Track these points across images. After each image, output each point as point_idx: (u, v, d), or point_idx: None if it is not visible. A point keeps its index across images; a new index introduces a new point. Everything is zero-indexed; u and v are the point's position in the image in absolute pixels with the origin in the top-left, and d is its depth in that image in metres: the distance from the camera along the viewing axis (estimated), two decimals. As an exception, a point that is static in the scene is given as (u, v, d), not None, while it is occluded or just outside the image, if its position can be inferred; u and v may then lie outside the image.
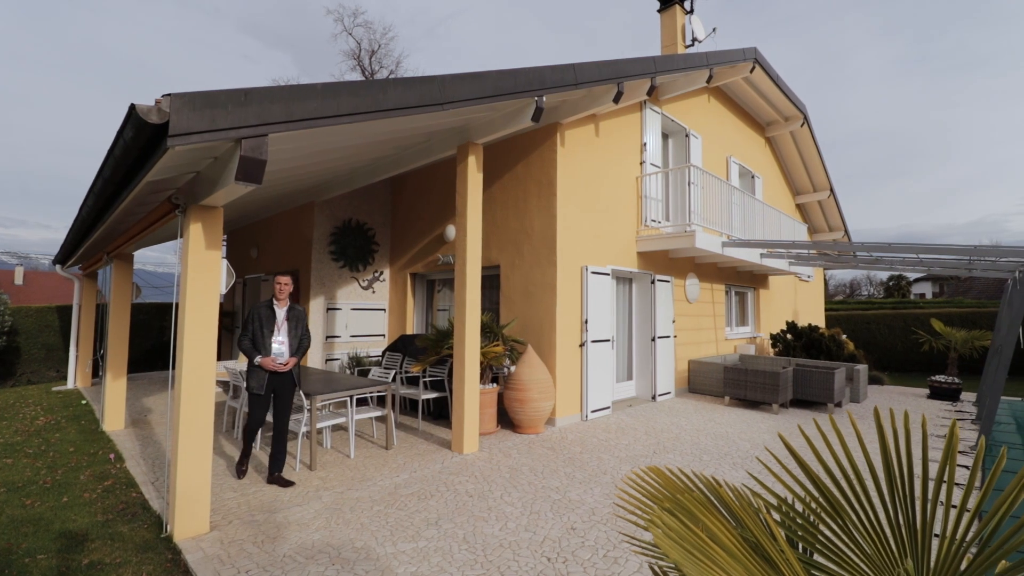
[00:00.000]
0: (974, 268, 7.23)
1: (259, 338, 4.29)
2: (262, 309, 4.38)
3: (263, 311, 4.37)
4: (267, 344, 4.30)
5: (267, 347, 4.29)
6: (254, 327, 4.31)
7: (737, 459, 5.06)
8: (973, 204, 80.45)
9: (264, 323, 4.32)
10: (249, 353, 4.29)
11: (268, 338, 4.31)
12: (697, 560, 0.67)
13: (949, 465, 0.83)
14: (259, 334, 4.29)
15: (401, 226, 8.94)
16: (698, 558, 0.67)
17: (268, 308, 4.39)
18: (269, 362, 4.25)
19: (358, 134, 4.33)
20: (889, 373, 13.79)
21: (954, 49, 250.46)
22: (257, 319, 4.32)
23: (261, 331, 4.30)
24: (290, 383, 4.43)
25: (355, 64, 26.19)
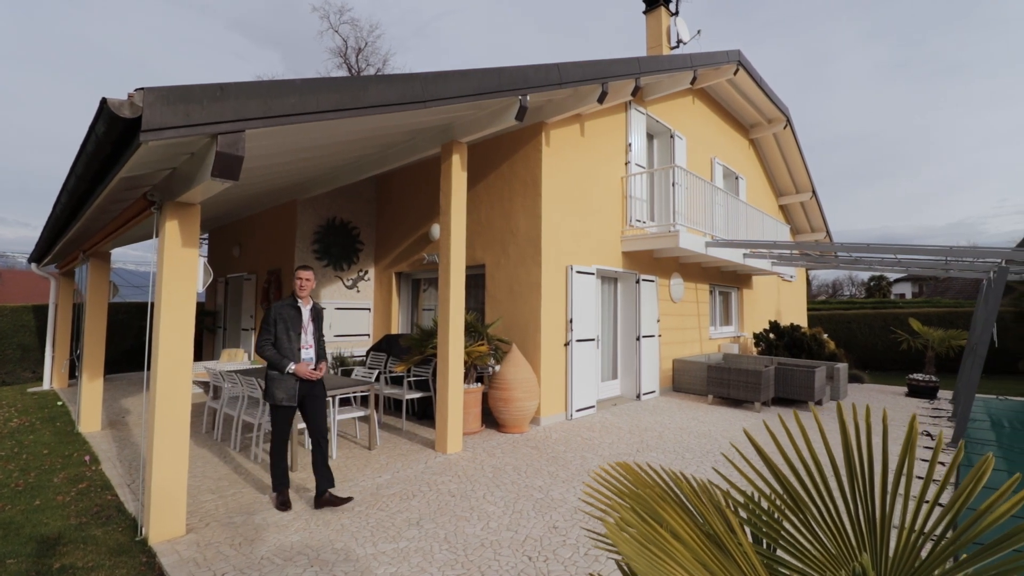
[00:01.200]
0: (951, 269, 7.37)
1: (284, 342, 3.79)
2: (286, 309, 3.87)
3: (287, 311, 3.87)
4: (294, 349, 3.81)
5: (295, 352, 3.81)
6: (277, 330, 3.81)
7: (719, 457, 5.11)
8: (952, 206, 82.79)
9: (290, 325, 3.83)
10: (275, 361, 3.76)
11: (296, 342, 3.83)
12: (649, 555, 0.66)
13: (908, 459, 0.83)
14: (284, 338, 3.79)
15: (386, 225, 8.88)
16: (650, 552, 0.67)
17: (293, 308, 3.90)
18: (305, 370, 3.78)
19: (339, 131, 4.29)
20: (869, 372, 14.02)
21: (934, 55, 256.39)
22: (281, 321, 3.82)
23: (287, 334, 3.80)
24: (321, 387, 4.00)
25: (341, 62, 25.98)
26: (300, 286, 3.92)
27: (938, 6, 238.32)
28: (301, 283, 3.93)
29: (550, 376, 6.42)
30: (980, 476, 0.78)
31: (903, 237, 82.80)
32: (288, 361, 3.77)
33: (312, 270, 3.99)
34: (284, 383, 3.77)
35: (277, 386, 3.77)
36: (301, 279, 3.93)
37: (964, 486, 0.78)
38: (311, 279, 3.98)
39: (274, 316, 3.83)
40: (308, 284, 3.95)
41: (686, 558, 0.70)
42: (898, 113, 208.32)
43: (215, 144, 2.84)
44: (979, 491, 0.82)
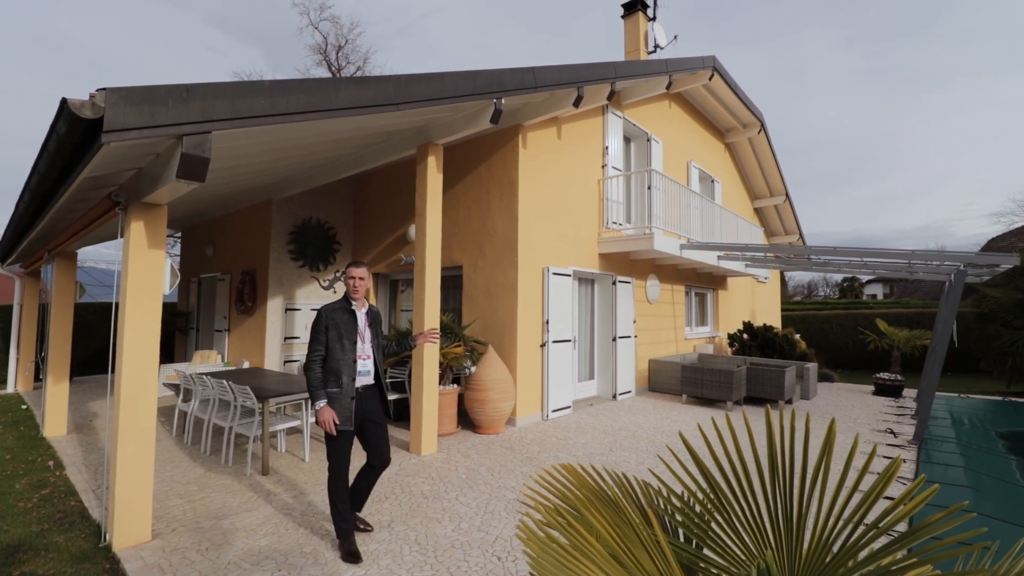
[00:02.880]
0: (915, 271, 7.62)
1: (338, 352, 3.17)
2: (339, 313, 3.26)
3: (341, 316, 3.25)
4: (350, 361, 3.20)
5: (350, 365, 3.20)
6: (330, 338, 3.19)
7: (686, 456, 5.20)
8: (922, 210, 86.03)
9: (344, 332, 3.21)
10: (315, 386, 3.14)
11: (351, 352, 3.21)
12: (555, 555, 0.70)
13: (825, 461, 0.89)
14: (337, 347, 3.17)
15: (364, 225, 8.83)
16: (557, 552, 0.71)
17: (347, 312, 3.29)
18: (328, 418, 3.08)
19: (312, 132, 4.26)
20: (841, 371, 14.40)
21: (903, 64, 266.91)
22: (334, 328, 3.20)
23: (340, 342, 3.18)
24: (378, 399, 3.40)
25: (321, 59, 25.70)
26: (354, 286, 3.33)
27: (906, 17, 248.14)
28: (355, 283, 3.33)
29: (526, 377, 6.46)
30: (889, 477, 0.84)
31: (875, 239, 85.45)
32: (320, 394, 3.13)
33: (366, 267, 3.42)
34: (338, 403, 3.14)
35: (333, 405, 3.15)
36: (355, 278, 3.33)
37: (873, 487, 0.83)
38: (366, 277, 3.39)
39: (325, 322, 3.21)
40: (363, 284, 3.36)
41: (601, 555, 0.74)
42: (870, 119, 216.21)
43: (180, 145, 2.81)
44: (897, 491, 0.87)
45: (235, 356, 8.36)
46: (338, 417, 3.12)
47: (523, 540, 0.71)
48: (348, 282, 3.35)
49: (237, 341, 8.38)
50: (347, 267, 3.36)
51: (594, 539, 0.77)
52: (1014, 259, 5.84)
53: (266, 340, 7.61)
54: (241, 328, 8.27)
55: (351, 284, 3.34)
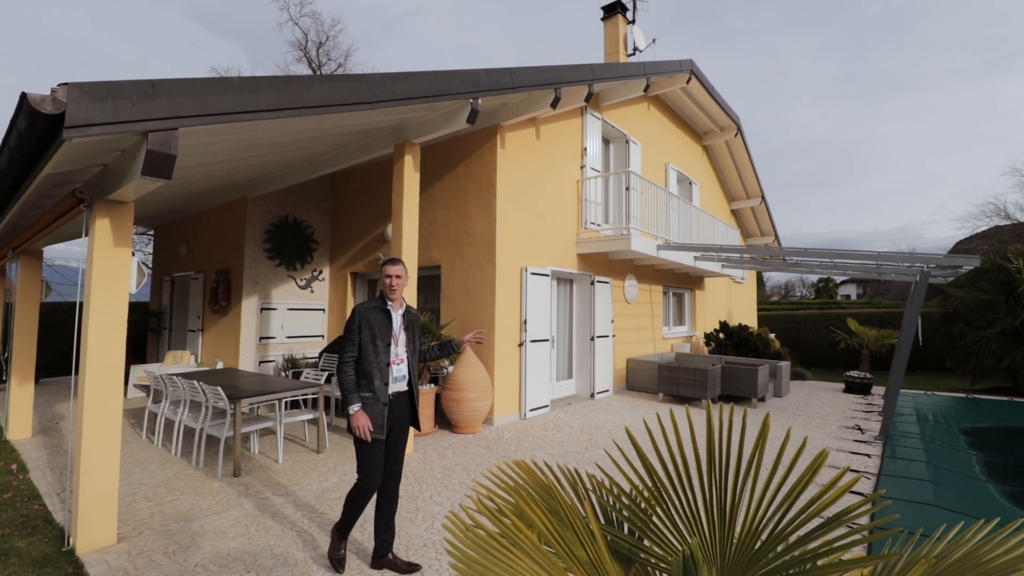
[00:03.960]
0: (883, 272, 7.85)
1: (370, 354, 2.93)
2: (373, 313, 3.00)
3: (375, 316, 2.99)
4: (382, 364, 2.94)
5: (382, 368, 2.94)
6: (362, 338, 2.96)
7: (653, 453, 5.28)
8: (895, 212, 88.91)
9: (379, 333, 2.97)
10: (348, 389, 2.90)
11: (384, 355, 2.96)
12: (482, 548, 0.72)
13: (758, 453, 0.93)
14: (369, 348, 2.94)
15: (342, 224, 8.76)
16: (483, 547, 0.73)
17: (382, 311, 3.02)
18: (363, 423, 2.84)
19: (284, 130, 4.23)
20: (814, 369, 14.73)
21: (878, 71, 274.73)
22: (367, 327, 2.97)
23: (372, 344, 2.94)
24: (408, 412, 3.13)
25: (301, 55, 25.37)
26: (390, 285, 3.04)
27: (881, 25, 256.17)
28: (391, 281, 3.03)
29: (504, 376, 6.49)
30: (816, 468, 0.88)
31: (850, 241, 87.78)
32: (354, 398, 2.89)
33: (403, 264, 3.09)
34: (371, 408, 2.90)
35: (365, 408, 2.92)
36: (391, 276, 3.04)
37: (801, 478, 0.87)
38: (403, 275, 3.07)
39: (359, 321, 2.97)
40: (400, 282, 3.06)
41: (533, 545, 0.76)
42: (846, 123, 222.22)
43: (146, 142, 2.77)
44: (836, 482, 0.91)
45: (209, 356, 8.22)
46: (371, 424, 2.87)
47: (449, 529, 0.73)
48: (384, 280, 3.06)
49: (211, 341, 8.24)
50: (382, 264, 3.08)
51: (528, 530, 0.79)
52: (975, 261, 6.06)
53: (241, 340, 7.50)
54: (215, 328, 8.14)
55: (387, 283, 3.05)
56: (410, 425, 3.16)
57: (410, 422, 3.15)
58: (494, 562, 0.71)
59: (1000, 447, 6.31)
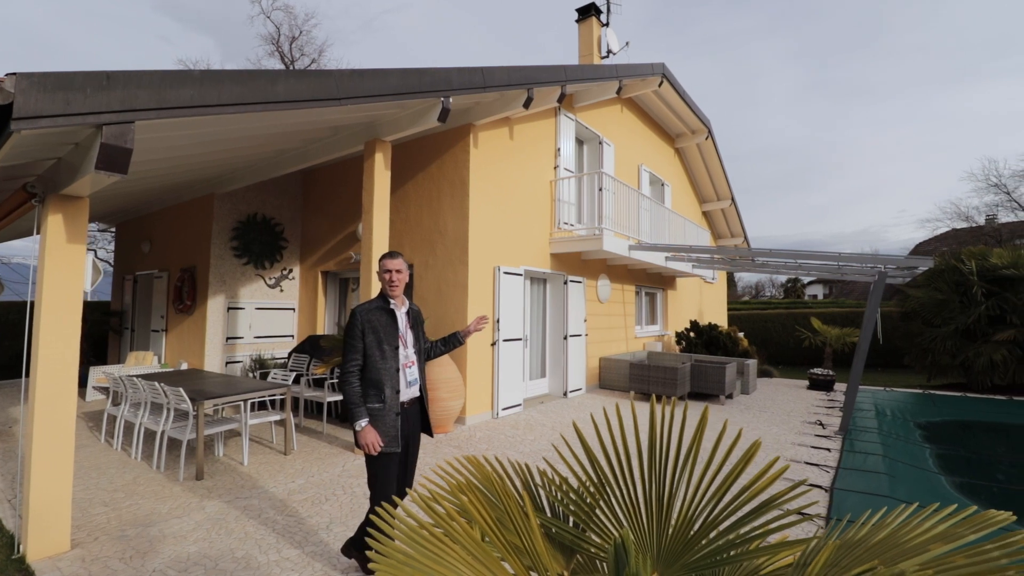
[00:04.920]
0: (845, 272, 8.12)
1: (377, 360, 2.66)
2: (375, 314, 2.73)
3: (378, 317, 2.72)
4: (391, 369, 2.69)
5: (392, 374, 2.69)
6: (367, 344, 2.68)
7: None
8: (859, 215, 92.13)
9: (384, 336, 2.70)
10: (354, 403, 2.64)
11: (393, 360, 2.70)
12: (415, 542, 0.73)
13: (695, 445, 0.96)
14: (376, 354, 2.67)
15: (313, 222, 8.62)
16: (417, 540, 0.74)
17: (385, 311, 2.75)
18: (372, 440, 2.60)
19: (250, 126, 4.15)
20: (782, 367, 15.14)
21: (844, 78, 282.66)
22: (371, 331, 2.69)
23: (379, 349, 2.67)
24: (419, 420, 2.91)
25: (274, 49, 24.89)
26: (390, 280, 2.76)
27: (849, 34, 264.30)
28: (391, 276, 2.76)
29: (476, 375, 6.48)
30: (748, 459, 0.91)
31: (816, 242, 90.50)
32: (361, 412, 2.63)
33: (402, 257, 2.86)
34: (382, 420, 2.65)
35: (375, 424, 2.66)
36: (391, 271, 2.77)
37: (734, 469, 0.90)
38: (403, 270, 2.82)
39: (361, 325, 2.69)
40: (401, 278, 2.79)
41: (467, 536, 0.77)
42: (815, 129, 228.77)
43: (100, 135, 2.68)
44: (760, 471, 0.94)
45: (173, 357, 7.99)
46: (382, 438, 2.63)
47: (376, 522, 0.74)
48: (383, 276, 2.78)
49: (175, 341, 8.01)
50: (380, 259, 2.82)
51: (465, 522, 0.80)
52: (929, 262, 6.31)
53: (206, 340, 7.32)
54: (180, 328, 7.92)
55: (386, 278, 2.77)
56: (426, 432, 2.96)
57: (422, 429, 2.94)
58: (423, 552, 0.72)
59: (953, 440, 6.60)
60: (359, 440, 2.61)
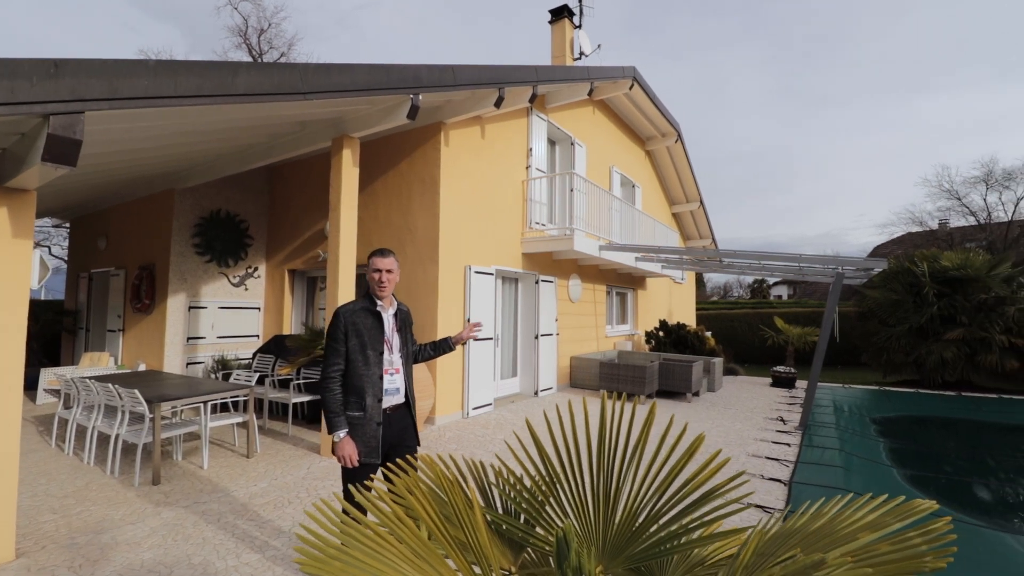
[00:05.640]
0: (805, 273, 8.39)
1: (359, 365, 2.50)
2: (360, 315, 2.55)
3: (363, 319, 2.54)
4: (374, 376, 2.51)
5: (375, 381, 2.51)
6: (350, 348, 2.51)
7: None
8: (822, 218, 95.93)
9: (368, 340, 2.52)
10: (333, 411, 2.46)
11: (376, 365, 2.52)
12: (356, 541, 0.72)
13: (642, 441, 0.97)
14: (358, 359, 2.50)
15: (279, 219, 8.43)
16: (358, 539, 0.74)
17: (370, 313, 2.57)
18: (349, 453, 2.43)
19: (211, 119, 4.03)
20: (747, 365, 15.54)
21: (809, 86, 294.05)
22: (355, 334, 2.52)
23: (362, 354, 2.50)
24: (409, 421, 2.70)
25: (241, 41, 24.28)
26: (379, 280, 2.57)
27: (811, 44, 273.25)
28: (380, 276, 2.57)
29: (446, 375, 6.45)
30: (692, 452, 0.93)
31: (781, 244, 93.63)
32: (340, 421, 2.45)
33: (394, 256, 2.64)
34: (362, 430, 2.48)
35: (355, 434, 2.48)
36: (380, 270, 2.57)
37: (678, 463, 0.92)
38: (394, 269, 2.62)
39: (344, 327, 2.52)
40: (391, 278, 2.60)
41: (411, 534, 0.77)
42: (781, 134, 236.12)
43: (47, 125, 2.57)
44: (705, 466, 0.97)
45: (130, 358, 7.70)
46: (361, 448, 2.47)
47: (312, 516, 0.73)
48: (371, 275, 2.59)
49: (133, 342, 7.72)
50: (369, 256, 2.62)
51: (409, 521, 0.80)
52: (883, 264, 6.59)
53: (166, 341, 7.08)
54: (138, 328, 7.63)
55: (375, 278, 2.57)
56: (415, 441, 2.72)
57: (414, 438, 2.72)
58: (359, 548, 0.71)
59: (905, 435, 6.90)
60: (336, 452, 2.47)
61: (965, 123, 60.79)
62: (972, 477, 5.15)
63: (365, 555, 0.68)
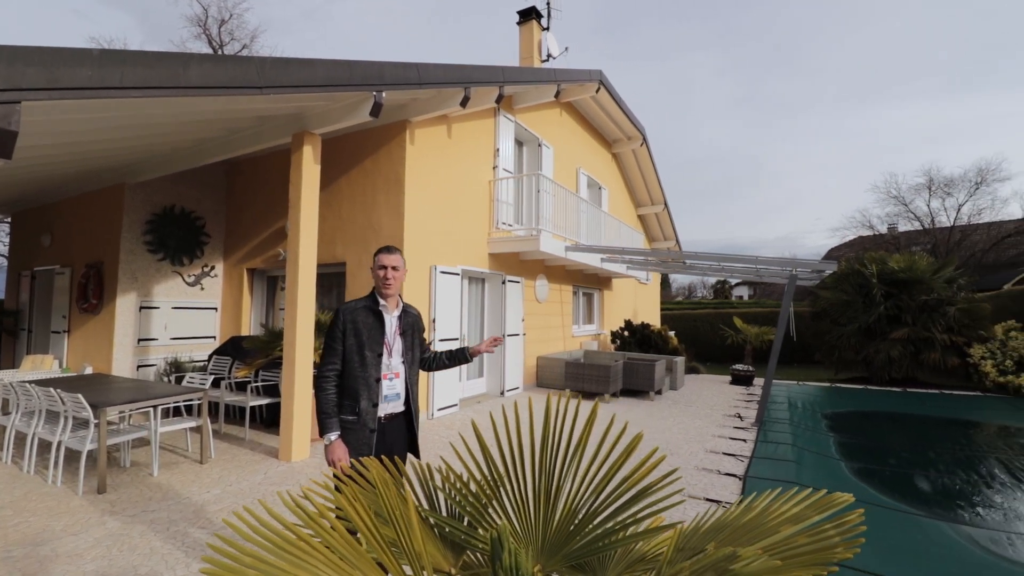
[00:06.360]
0: (762, 274, 8.68)
1: (355, 366, 2.39)
2: (361, 314, 2.44)
3: (363, 318, 2.43)
4: (370, 379, 2.40)
5: (370, 384, 2.40)
6: (347, 347, 2.41)
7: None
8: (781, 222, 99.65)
9: (368, 340, 2.41)
10: (326, 412, 2.36)
11: (373, 368, 2.41)
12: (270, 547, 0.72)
13: (583, 441, 0.99)
14: (355, 360, 2.39)
15: (238, 216, 8.17)
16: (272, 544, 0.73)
17: (372, 313, 2.46)
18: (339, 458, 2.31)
19: (161, 111, 3.88)
20: (709, 364, 15.97)
21: (771, 94, 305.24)
22: (353, 333, 2.41)
23: (360, 354, 2.39)
24: (405, 430, 2.60)
25: (200, 32, 23.48)
26: (384, 278, 2.45)
27: (771, 54, 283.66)
28: (385, 274, 2.45)
29: (411, 376, 6.39)
30: (630, 451, 0.95)
31: (742, 246, 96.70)
32: (332, 423, 2.35)
33: (400, 253, 2.53)
34: (354, 435, 2.37)
35: (346, 439, 2.37)
36: (386, 267, 2.45)
37: (617, 461, 0.95)
38: (400, 267, 2.50)
39: (343, 325, 2.41)
40: (397, 276, 2.48)
41: (341, 538, 0.77)
42: (744, 139, 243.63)
43: (-23, 115, 2.42)
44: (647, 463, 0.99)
45: (76, 361, 7.33)
46: (352, 454, 2.35)
47: (229, 524, 0.71)
48: (377, 273, 2.46)
49: (79, 344, 7.35)
50: (376, 254, 2.49)
51: (339, 523, 0.79)
52: (833, 266, 6.88)
53: (115, 342, 6.76)
54: (84, 329, 7.27)
55: (381, 275, 2.44)
56: (408, 452, 2.60)
57: (408, 449, 2.60)
58: (277, 552, 0.70)
59: (854, 429, 7.22)
60: (326, 455, 2.36)
61: (913, 132, 64.27)
62: (914, 469, 5.43)
63: (288, 563, 0.67)
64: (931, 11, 67.14)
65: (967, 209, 23.23)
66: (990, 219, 23.18)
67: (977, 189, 22.84)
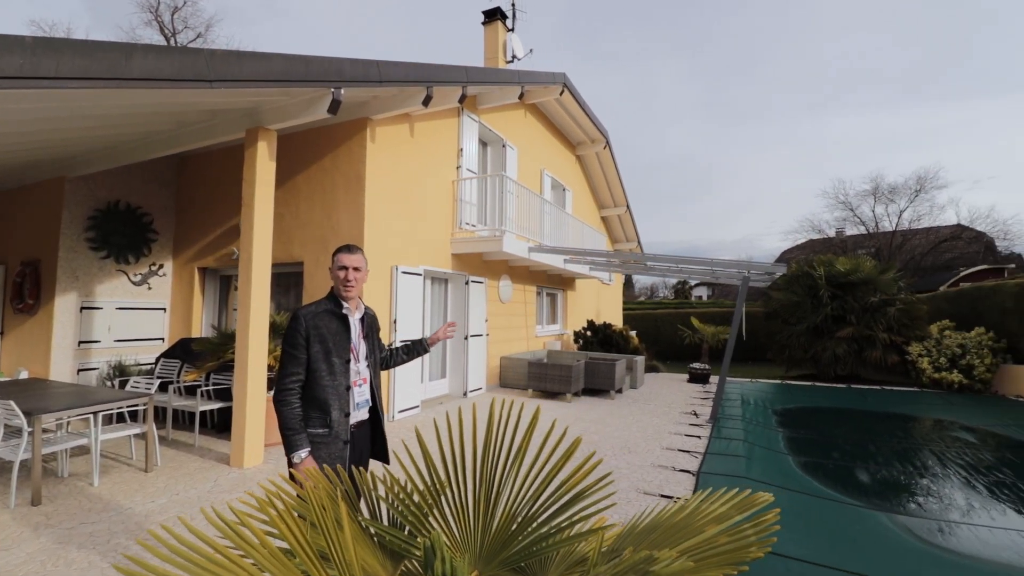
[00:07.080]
0: (718, 276, 8.96)
1: (323, 375, 2.22)
2: (323, 318, 2.26)
3: (327, 323, 2.27)
4: (340, 388, 2.25)
5: (340, 393, 2.25)
6: (311, 356, 2.22)
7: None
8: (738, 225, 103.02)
9: (334, 347, 2.25)
10: (292, 427, 2.14)
11: (343, 376, 2.27)
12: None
13: (524, 444, 1.01)
14: (322, 369, 2.22)
15: (189, 213, 7.85)
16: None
17: (336, 316, 2.30)
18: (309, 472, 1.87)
19: (103, 103, 3.69)
20: (669, 362, 16.38)
21: (731, 101, 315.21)
22: (317, 340, 2.23)
23: (326, 362, 2.23)
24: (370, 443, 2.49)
25: (152, 18, 22.47)
26: (345, 279, 2.29)
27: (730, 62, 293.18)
28: (346, 275, 2.29)
29: (371, 378, 6.29)
30: (567, 456, 0.98)
31: (701, 248, 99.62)
32: (301, 440, 2.13)
33: (362, 253, 2.38)
34: (326, 449, 2.21)
35: (317, 455, 2.18)
36: (347, 268, 2.29)
37: (555, 466, 0.97)
38: (362, 267, 2.35)
39: (305, 332, 2.21)
40: (359, 277, 2.33)
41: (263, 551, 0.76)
42: (705, 145, 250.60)
43: None
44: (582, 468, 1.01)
45: (10, 365, 6.88)
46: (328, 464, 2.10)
47: (143, 545, 0.70)
48: (337, 274, 2.30)
49: (13, 347, 6.90)
50: (335, 253, 2.35)
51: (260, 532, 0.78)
52: (784, 268, 7.18)
53: (53, 345, 6.39)
54: (19, 331, 6.84)
55: (341, 276, 2.29)
56: (372, 459, 2.48)
57: (372, 454, 2.48)
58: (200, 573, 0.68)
59: (802, 424, 7.55)
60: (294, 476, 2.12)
61: (861, 141, 67.71)
62: (855, 462, 5.72)
63: None
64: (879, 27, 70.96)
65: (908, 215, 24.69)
66: (928, 224, 24.69)
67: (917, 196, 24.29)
